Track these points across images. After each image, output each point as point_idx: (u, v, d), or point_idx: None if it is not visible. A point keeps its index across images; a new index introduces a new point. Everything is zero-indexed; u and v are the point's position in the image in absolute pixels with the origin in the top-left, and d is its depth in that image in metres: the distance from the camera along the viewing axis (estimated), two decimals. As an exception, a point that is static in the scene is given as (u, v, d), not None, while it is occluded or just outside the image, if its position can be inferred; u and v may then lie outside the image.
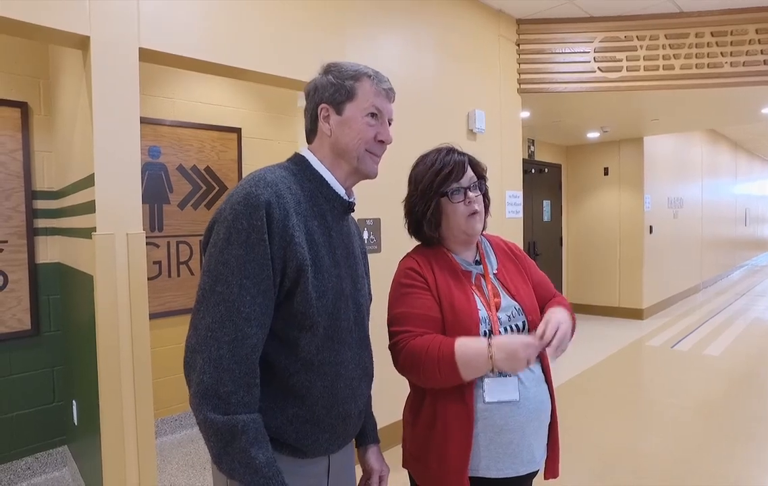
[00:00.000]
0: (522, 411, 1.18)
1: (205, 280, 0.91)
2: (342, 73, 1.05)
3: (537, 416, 1.21)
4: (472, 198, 1.25)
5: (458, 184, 1.25)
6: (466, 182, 1.26)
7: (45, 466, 2.87)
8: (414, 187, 1.31)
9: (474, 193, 1.26)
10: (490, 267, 1.32)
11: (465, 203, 1.25)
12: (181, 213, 3.44)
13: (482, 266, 1.31)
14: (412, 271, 1.26)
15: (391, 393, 1.93)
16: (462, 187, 1.25)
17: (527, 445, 1.20)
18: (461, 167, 1.26)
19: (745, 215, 12.93)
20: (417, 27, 3.24)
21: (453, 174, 1.25)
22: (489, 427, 1.17)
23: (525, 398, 1.19)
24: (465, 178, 1.26)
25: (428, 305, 1.21)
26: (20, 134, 2.75)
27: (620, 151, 7.10)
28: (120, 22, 1.92)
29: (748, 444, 3.13)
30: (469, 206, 1.25)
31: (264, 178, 0.95)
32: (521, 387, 1.18)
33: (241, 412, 0.88)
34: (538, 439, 1.23)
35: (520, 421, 1.18)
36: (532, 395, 1.20)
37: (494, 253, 1.36)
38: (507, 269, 1.33)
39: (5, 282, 2.73)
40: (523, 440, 1.19)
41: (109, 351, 1.90)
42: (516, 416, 1.17)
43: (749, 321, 6.69)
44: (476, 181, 1.28)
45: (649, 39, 4.01)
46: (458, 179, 1.25)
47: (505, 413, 1.17)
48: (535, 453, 1.22)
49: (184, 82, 3.43)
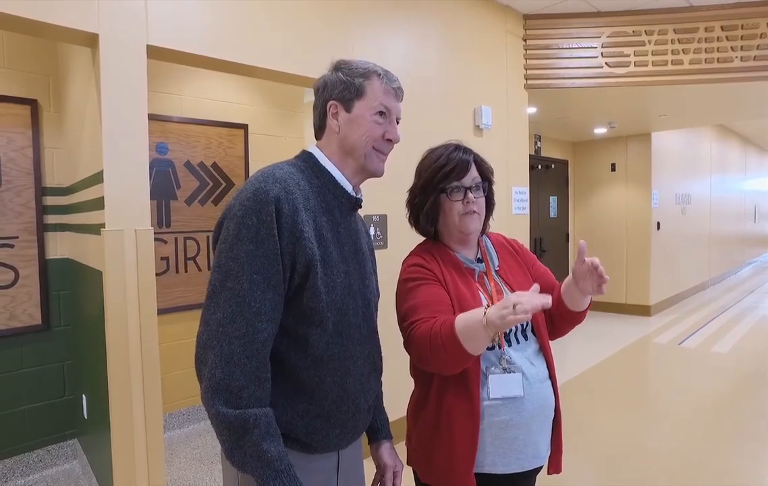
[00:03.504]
0: (527, 407, 1.18)
1: (215, 276, 0.92)
2: (352, 70, 1.05)
3: (541, 412, 1.22)
4: (471, 199, 1.24)
5: (459, 183, 1.24)
6: (468, 182, 1.25)
7: (56, 459, 2.91)
8: (417, 179, 1.32)
9: (476, 194, 1.25)
10: (492, 264, 1.32)
11: (463, 203, 1.24)
12: (188, 209, 3.46)
13: (484, 264, 1.31)
14: (419, 267, 1.25)
15: (397, 389, 1.94)
16: (463, 186, 1.24)
17: (533, 441, 1.20)
18: (464, 166, 1.25)
19: (755, 212, 12.80)
20: (424, 23, 3.23)
21: (455, 172, 1.24)
22: (494, 423, 1.17)
23: (530, 394, 1.19)
24: (467, 177, 1.25)
25: (438, 292, 1.20)
26: (30, 131, 2.78)
27: (627, 147, 7.05)
28: (128, 19, 1.94)
29: (756, 442, 3.11)
30: (466, 206, 1.24)
31: (273, 175, 0.96)
32: (526, 383, 1.19)
33: (252, 406, 0.89)
34: (543, 434, 1.24)
35: (525, 417, 1.18)
36: (536, 391, 1.20)
37: (495, 250, 1.36)
38: (509, 266, 1.34)
39: (16, 277, 2.76)
40: (529, 436, 1.19)
41: (118, 346, 1.92)
42: (521, 412, 1.18)
43: (757, 318, 6.63)
44: (479, 182, 1.27)
45: (657, 33, 3.97)
46: (460, 178, 1.24)
47: (510, 409, 1.17)
48: (540, 448, 1.23)
49: (191, 78, 3.44)
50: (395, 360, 1.26)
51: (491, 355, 1.20)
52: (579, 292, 1.18)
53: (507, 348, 1.21)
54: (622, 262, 7.08)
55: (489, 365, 1.19)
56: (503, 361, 1.19)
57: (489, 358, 1.19)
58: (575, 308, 1.23)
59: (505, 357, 1.19)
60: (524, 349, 1.24)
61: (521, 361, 1.21)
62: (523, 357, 1.22)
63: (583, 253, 1.11)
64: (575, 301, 1.21)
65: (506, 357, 1.19)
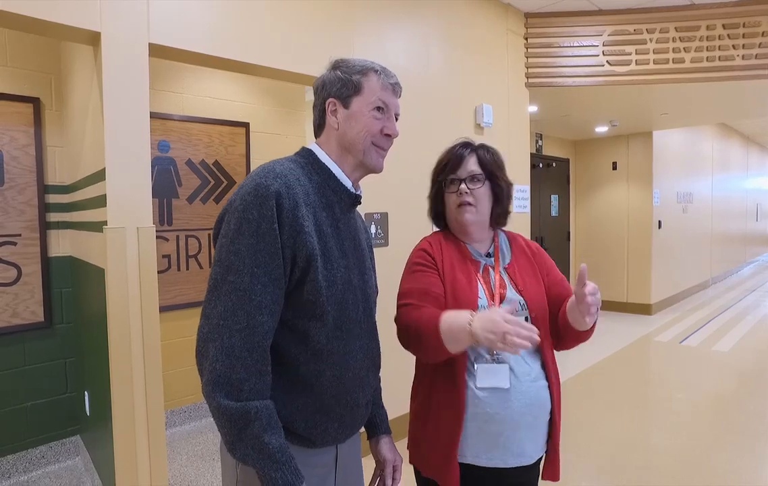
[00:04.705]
0: (513, 403, 1.19)
1: (216, 270, 0.93)
2: (349, 68, 1.07)
3: (530, 411, 1.21)
4: (463, 190, 1.29)
5: (455, 175, 1.32)
6: (463, 174, 1.31)
7: (58, 455, 2.93)
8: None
9: (471, 186, 1.29)
10: (502, 260, 1.34)
11: (457, 195, 1.31)
12: (189, 207, 3.47)
13: (493, 258, 1.33)
14: (423, 252, 1.32)
15: (396, 387, 1.95)
16: (458, 178, 1.31)
17: (518, 438, 1.20)
18: (457, 160, 1.32)
19: (757, 210, 12.78)
20: (425, 21, 3.23)
21: (449, 165, 1.33)
22: (479, 414, 1.19)
23: (518, 391, 1.19)
24: (462, 169, 1.31)
25: (432, 282, 1.26)
26: (33, 129, 2.79)
27: (629, 145, 7.04)
28: (130, 18, 1.95)
29: (758, 440, 3.11)
30: (459, 197, 1.30)
31: (273, 170, 0.97)
32: (513, 378, 1.19)
33: (253, 398, 0.90)
34: (531, 434, 1.23)
35: (510, 412, 1.18)
36: (525, 389, 1.20)
37: (510, 248, 1.37)
38: (519, 265, 1.34)
39: (19, 275, 2.77)
40: (515, 433, 1.20)
41: (120, 343, 1.93)
42: (507, 407, 1.18)
43: (759, 317, 6.63)
44: (476, 174, 1.30)
45: (659, 32, 3.96)
46: (455, 170, 1.32)
47: (495, 402, 1.18)
48: (526, 447, 1.22)
49: (193, 77, 3.45)
50: (394, 357, 1.27)
51: (481, 348, 1.21)
52: (580, 313, 1.18)
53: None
54: (624, 261, 7.08)
55: (478, 355, 1.22)
56: (493, 353, 1.21)
57: (480, 350, 1.22)
58: (578, 327, 1.22)
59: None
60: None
61: (512, 357, 1.21)
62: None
63: (583, 276, 1.12)
64: (577, 320, 1.21)
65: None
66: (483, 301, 1.24)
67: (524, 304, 1.27)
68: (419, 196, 3.31)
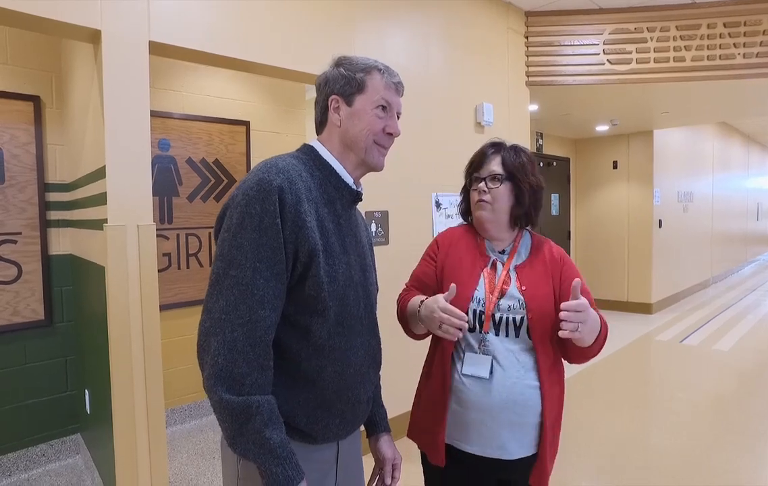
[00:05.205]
0: (493, 396, 1.23)
1: (218, 265, 0.93)
2: (353, 65, 1.06)
3: (512, 408, 1.22)
4: (481, 189, 1.35)
5: (477, 174, 1.38)
6: (484, 173, 1.36)
7: (59, 453, 2.93)
8: None
9: (490, 185, 1.33)
10: (516, 259, 1.35)
11: (477, 192, 1.37)
12: (190, 205, 3.47)
13: (507, 256, 1.35)
14: (434, 243, 1.45)
15: (396, 386, 1.96)
16: (480, 177, 1.37)
17: (496, 431, 1.23)
18: (480, 158, 1.39)
19: (757, 210, 12.77)
20: (425, 20, 3.23)
21: (474, 164, 1.40)
22: (461, 400, 1.27)
23: (500, 384, 1.23)
24: (484, 169, 1.37)
25: (426, 272, 1.41)
26: (33, 127, 2.79)
27: (629, 144, 7.04)
28: (130, 16, 1.94)
29: (758, 440, 3.11)
30: (478, 195, 1.36)
31: (276, 165, 0.97)
32: (500, 371, 1.23)
33: (255, 393, 0.90)
34: (513, 432, 1.24)
35: (489, 404, 1.23)
36: (509, 385, 1.23)
37: (530, 250, 1.37)
38: (532, 267, 1.33)
39: (19, 273, 2.77)
40: (494, 425, 1.23)
41: (120, 341, 1.93)
42: (487, 398, 1.23)
43: (760, 316, 6.62)
44: (496, 174, 1.33)
45: (659, 30, 3.96)
46: (478, 170, 1.38)
47: (476, 391, 1.24)
48: (507, 444, 1.24)
49: (193, 75, 3.45)
50: (394, 356, 1.27)
51: (471, 338, 1.28)
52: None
53: (490, 334, 1.27)
54: (624, 260, 7.08)
55: (468, 345, 1.29)
56: (482, 344, 1.27)
57: (470, 340, 1.29)
58: (579, 344, 1.21)
59: (485, 340, 1.27)
60: (512, 344, 1.26)
61: (502, 351, 1.25)
62: (506, 349, 1.25)
63: (574, 292, 1.14)
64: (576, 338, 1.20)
65: (486, 341, 1.27)
66: (480, 293, 1.30)
67: (523, 304, 1.27)
68: (419, 194, 3.33)
